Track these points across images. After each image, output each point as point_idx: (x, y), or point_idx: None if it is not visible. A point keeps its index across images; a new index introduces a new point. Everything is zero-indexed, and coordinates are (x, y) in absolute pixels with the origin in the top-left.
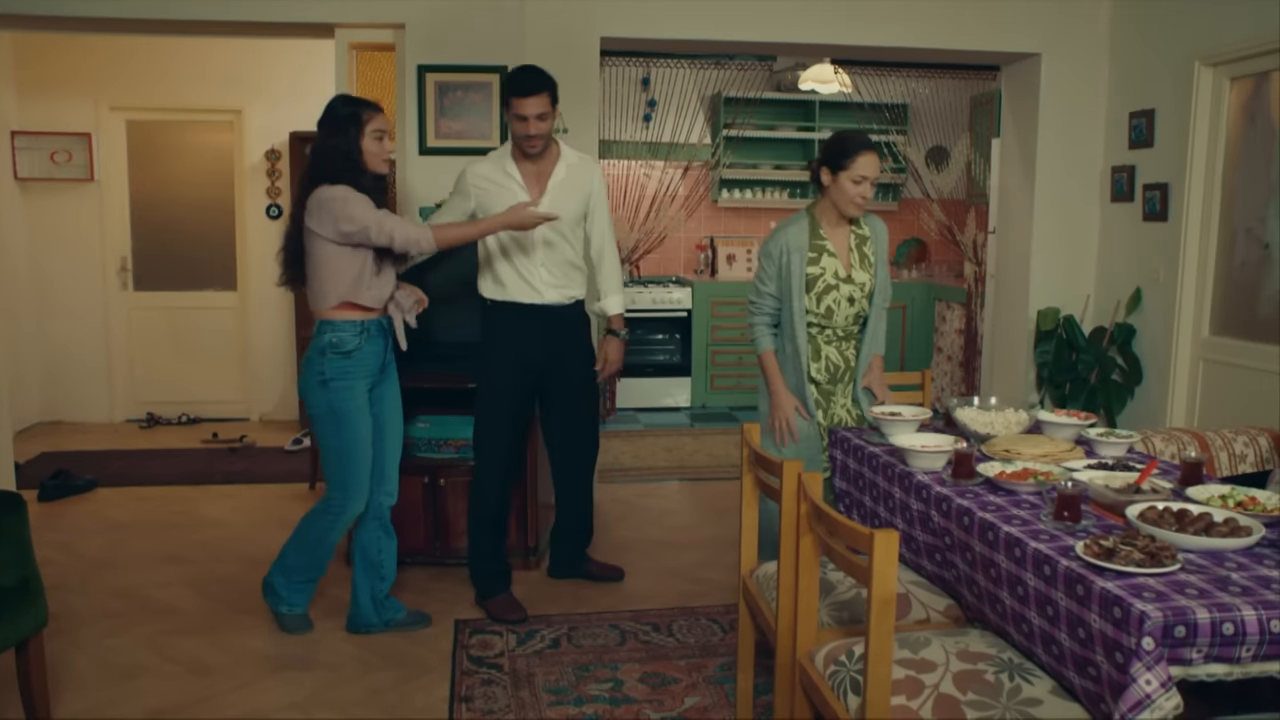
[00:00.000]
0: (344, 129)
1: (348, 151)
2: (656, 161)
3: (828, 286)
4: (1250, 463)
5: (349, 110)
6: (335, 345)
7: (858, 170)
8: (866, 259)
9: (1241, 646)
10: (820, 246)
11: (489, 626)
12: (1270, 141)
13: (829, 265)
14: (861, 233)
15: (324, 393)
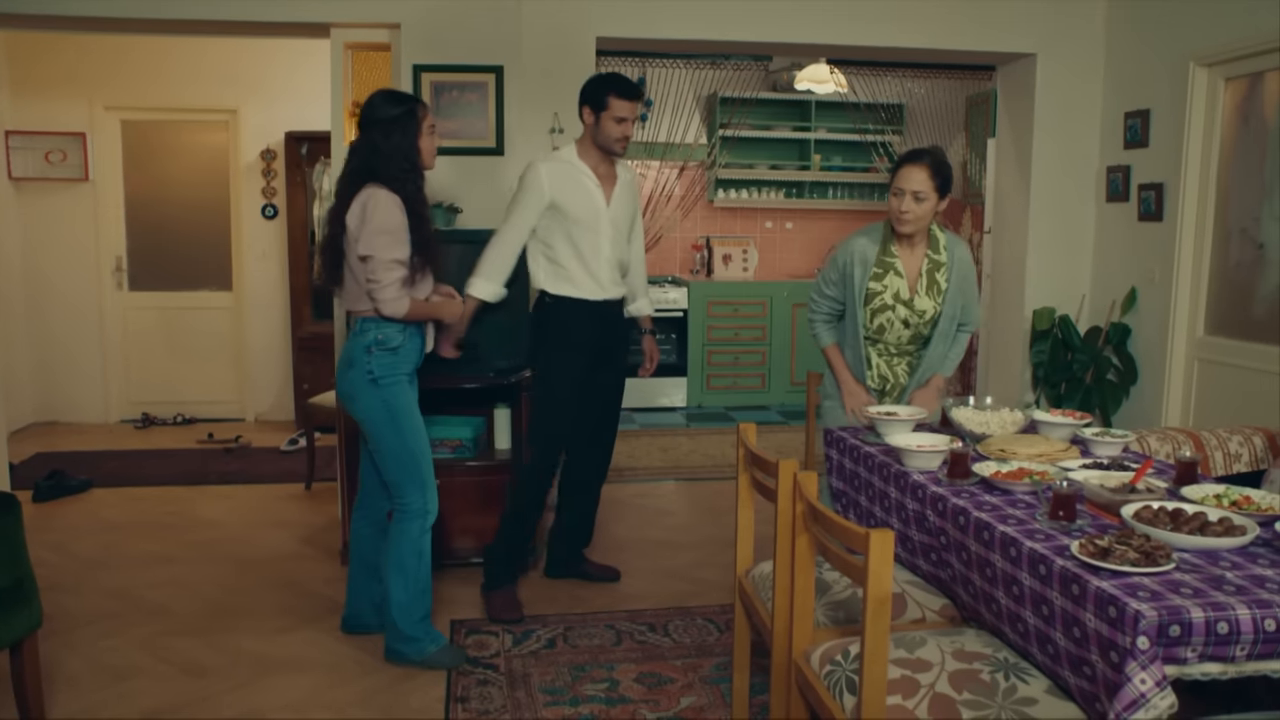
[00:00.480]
0: (403, 128)
1: (408, 152)
2: (652, 161)
3: (884, 305)
4: (1245, 462)
5: (404, 108)
6: (381, 342)
7: (897, 183)
8: (936, 285)
9: (1236, 645)
10: (888, 264)
11: (485, 627)
12: (1264, 142)
13: (892, 284)
14: (938, 258)
15: (376, 391)
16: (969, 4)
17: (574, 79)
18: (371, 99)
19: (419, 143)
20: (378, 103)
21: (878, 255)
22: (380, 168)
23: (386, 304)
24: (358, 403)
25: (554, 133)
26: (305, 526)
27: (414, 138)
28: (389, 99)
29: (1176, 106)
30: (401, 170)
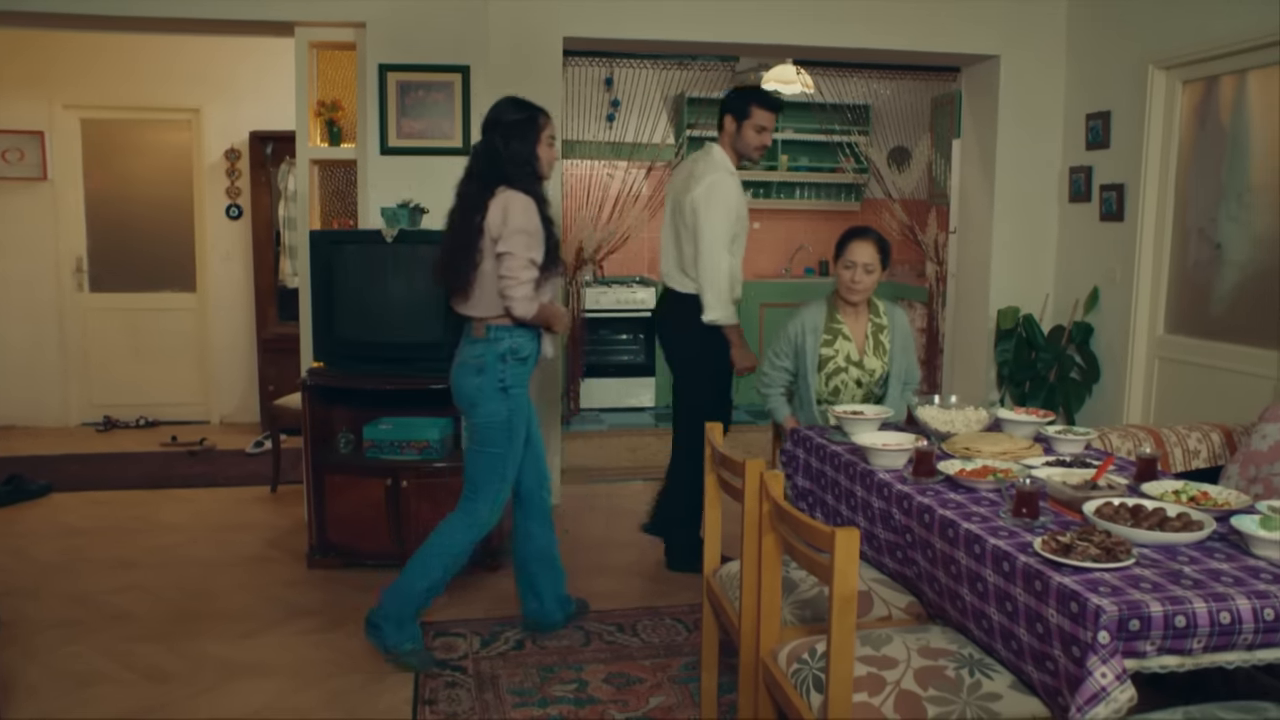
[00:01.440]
0: (524, 134)
1: (529, 158)
2: (620, 161)
3: (837, 368)
4: (1203, 458)
5: (526, 115)
6: (515, 351)
7: (848, 256)
8: (882, 345)
9: (1193, 638)
10: (836, 330)
11: (453, 629)
12: (1220, 144)
13: (842, 348)
14: (880, 321)
15: (504, 400)
16: (933, 6)
17: (541, 79)
18: (498, 103)
19: (538, 150)
20: (503, 107)
21: (825, 323)
22: (508, 172)
23: (518, 303)
24: (480, 409)
25: None
26: (271, 529)
27: (533, 145)
28: (514, 105)
29: (1136, 108)
30: (526, 175)
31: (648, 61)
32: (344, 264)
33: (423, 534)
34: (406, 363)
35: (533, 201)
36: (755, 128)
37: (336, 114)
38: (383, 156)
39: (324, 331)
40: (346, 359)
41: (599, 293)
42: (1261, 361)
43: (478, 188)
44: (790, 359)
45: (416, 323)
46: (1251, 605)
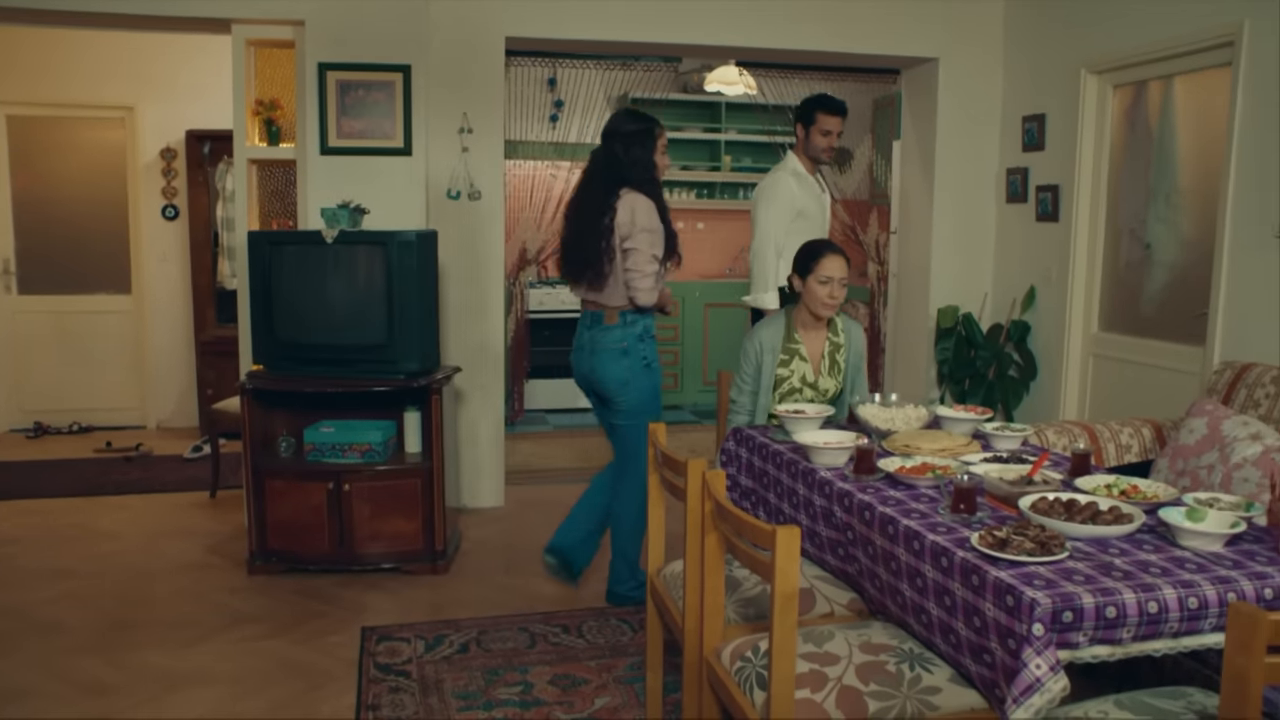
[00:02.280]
0: (640, 141)
1: (647, 163)
2: (563, 162)
3: (792, 389)
4: (1135, 453)
5: (643, 125)
6: (648, 330)
7: (823, 271)
8: (837, 365)
9: (1123, 628)
10: (793, 350)
11: (397, 633)
12: (1149, 147)
13: (798, 369)
14: (837, 340)
15: (650, 375)
16: (873, 9)
17: (483, 79)
18: (615, 114)
19: (655, 157)
20: (621, 118)
21: (783, 343)
22: (630, 176)
23: (643, 293)
24: (632, 386)
25: (463, 133)
26: (210, 535)
27: (651, 152)
28: (631, 116)
29: (1070, 111)
30: (646, 179)
31: (591, 62)
32: (284, 265)
33: (366, 538)
34: (348, 364)
35: (653, 203)
36: (821, 131)
37: (275, 113)
38: (323, 156)
39: (264, 334)
40: (287, 361)
41: (543, 294)
42: (1188, 358)
43: (601, 191)
44: (753, 380)
45: (358, 324)
46: (1177, 595)
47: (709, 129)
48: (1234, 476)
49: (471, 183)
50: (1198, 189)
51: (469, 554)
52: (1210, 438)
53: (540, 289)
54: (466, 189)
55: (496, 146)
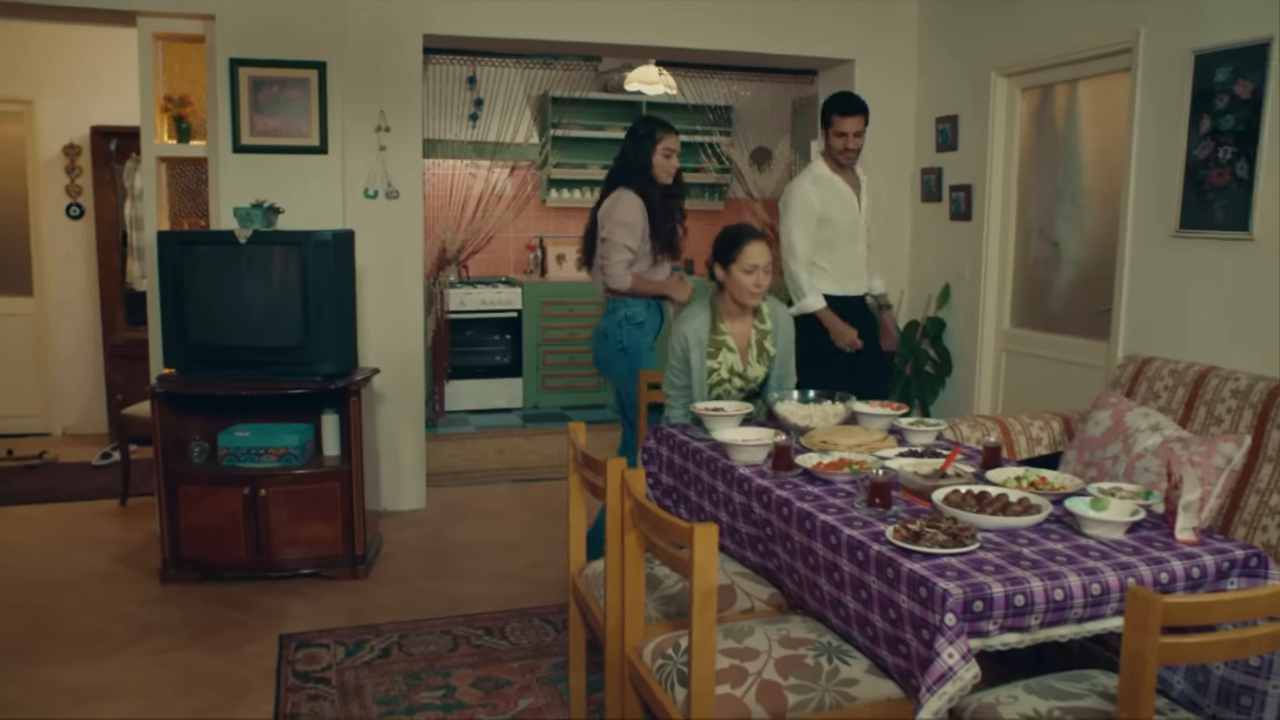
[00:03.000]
0: (640, 145)
1: (642, 165)
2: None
3: (721, 380)
4: (1045, 445)
5: (647, 130)
6: (629, 318)
7: (747, 259)
8: (766, 352)
9: (1031, 616)
10: (720, 342)
11: (316, 640)
12: (1056, 148)
13: (726, 360)
14: (764, 327)
15: (625, 359)
16: (790, 11)
17: (401, 77)
18: (637, 119)
19: (652, 159)
20: (638, 122)
21: (709, 335)
22: (626, 176)
23: (611, 279)
24: (611, 369)
25: (380, 131)
26: (120, 544)
27: (649, 154)
28: (643, 121)
29: (981, 113)
30: (641, 178)
31: (511, 60)
32: (195, 266)
33: (284, 544)
34: (263, 367)
35: (639, 200)
36: (836, 133)
37: (185, 110)
38: (235, 154)
39: (175, 336)
40: (200, 364)
41: (464, 293)
42: (1095, 353)
43: (607, 188)
44: (685, 375)
45: (273, 326)
46: (1081, 582)
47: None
48: (1136, 466)
49: (389, 182)
50: (1101, 189)
51: (390, 558)
52: (1114, 429)
53: (461, 289)
54: (384, 188)
55: (415, 145)
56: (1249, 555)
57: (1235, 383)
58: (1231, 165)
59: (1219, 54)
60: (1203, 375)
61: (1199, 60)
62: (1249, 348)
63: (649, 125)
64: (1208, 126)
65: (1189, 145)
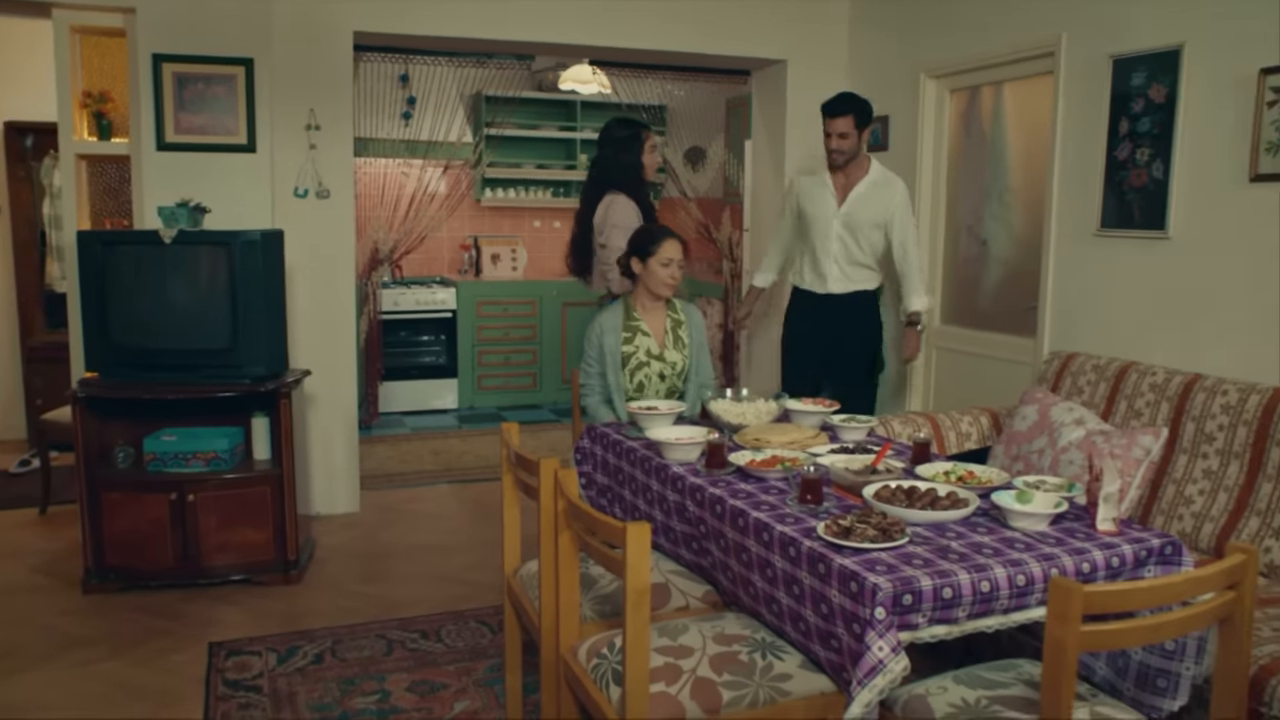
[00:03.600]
0: (628, 147)
1: (633, 166)
2: (416, 160)
3: (640, 363)
4: (974, 440)
5: (631, 131)
6: None
7: (665, 254)
8: (681, 340)
9: (959, 608)
10: (634, 327)
11: (247, 647)
12: (984, 148)
13: (642, 343)
14: (677, 317)
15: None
16: (724, 11)
17: (331, 75)
18: (608, 123)
19: (642, 159)
20: (613, 125)
21: (623, 322)
22: (616, 180)
23: (615, 282)
24: None
25: (310, 129)
26: (40, 554)
27: (638, 155)
28: (621, 124)
29: (911, 114)
30: (631, 181)
31: (444, 59)
32: (118, 267)
33: (214, 550)
34: (190, 370)
35: (632, 203)
36: (825, 134)
37: (106, 105)
38: (160, 152)
39: (97, 339)
40: (123, 367)
41: (397, 294)
42: (1022, 349)
43: (593, 194)
44: (598, 361)
45: (200, 328)
46: (1007, 573)
47: (564, 127)
48: (1061, 459)
49: (320, 181)
50: (1027, 189)
51: (323, 562)
52: (1040, 424)
53: (394, 289)
54: (315, 187)
55: (346, 144)
56: (1165, 544)
57: (1153, 377)
58: (1149, 166)
59: (1135, 59)
60: (1123, 370)
61: (1117, 65)
62: (1166, 343)
63: (632, 127)
64: (1126, 129)
65: (1109, 147)
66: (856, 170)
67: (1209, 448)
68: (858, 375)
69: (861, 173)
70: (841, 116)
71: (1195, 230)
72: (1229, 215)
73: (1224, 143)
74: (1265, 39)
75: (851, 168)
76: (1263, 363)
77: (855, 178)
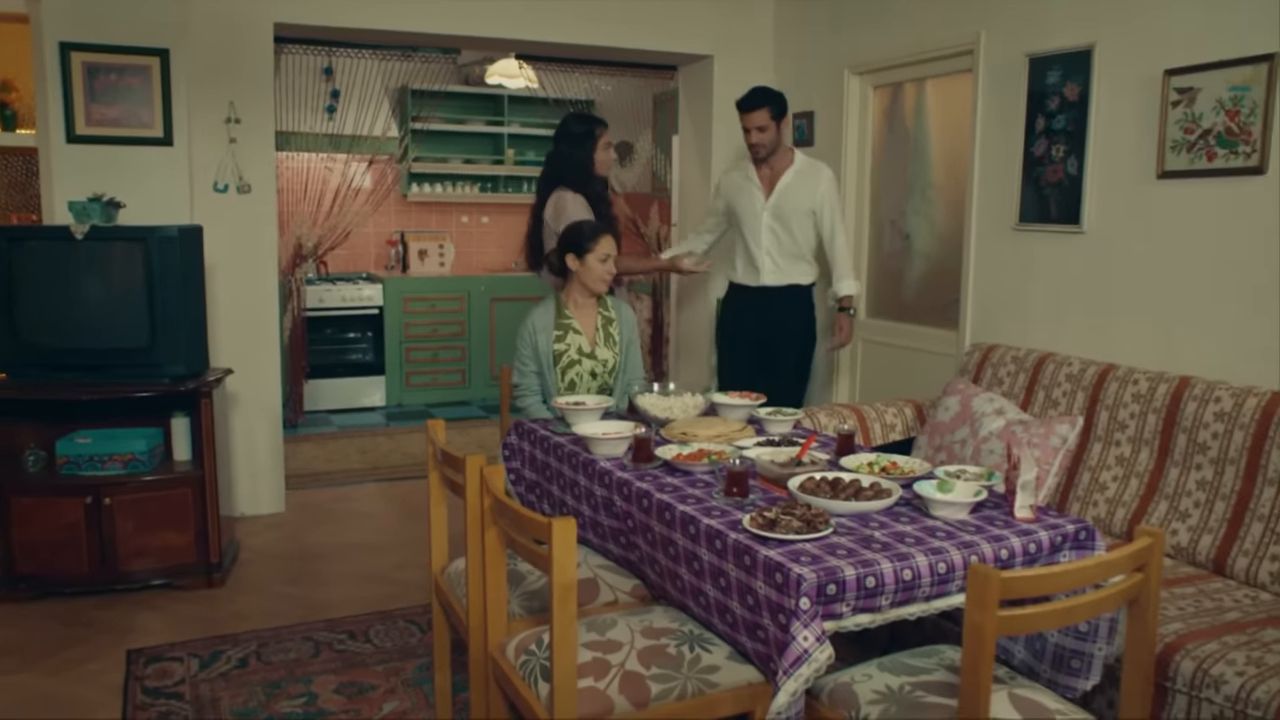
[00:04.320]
0: (580, 143)
1: (583, 163)
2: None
3: (571, 361)
4: (899, 431)
5: (585, 128)
6: None
7: (603, 249)
8: (612, 338)
9: (882, 596)
10: (566, 325)
11: (167, 654)
12: (906, 144)
13: (574, 341)
14: (609, 314)
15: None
16: (650, 7)
17: (251, 67)
18: (565, 118)
19: (594, 155)
20: (569, 121)
21: (555, 320)
22: (564, 173)
23: None
24: None
25: (230, 123)
26: None
27: (590, 152)
28: (576, 119)
29: (835, 110)
30: (580, 177)
31: (368, 52)
32: (26, 263)
33: (131, 554)
34: (106, 370)
35: (580, 197)
36: (744, 130)
37: (10, 95)
38: (70, 145)
39: (5, 338)
40: (33, 368)
41: (323, 290)
42: (945, 341)
43: (544, 189)
44: (534, 360)
45: (116, 326)
46: (929, 561)
47: (492, 122)
48: (982, 449)
49: (241, 175)
50: (948, 184)
51: (247, 564)
52: (962, 414)
53: (319, 286)
54: (235, 181)
55: (267, 137)
56: (1079, 529)
57: (1069, 367)
58: (1064, 162)
59: (1050, 58)
60: (1041, 361)
61: (1033, 63)
62: (1080, 334)
63: (587, 124)
64: (1042, 126)
65: (1026, 143)
66: (781, 162)
67: (1121, 435)
68: (791, 369)
69: (786, 164)
70: (756, 110)
71: (1108, 225)
72: (1139, 210)
73: (1133, 140)
74: (1170, 41)
75: (775, 160)
76: (1171, 352)
77: (780, 169)
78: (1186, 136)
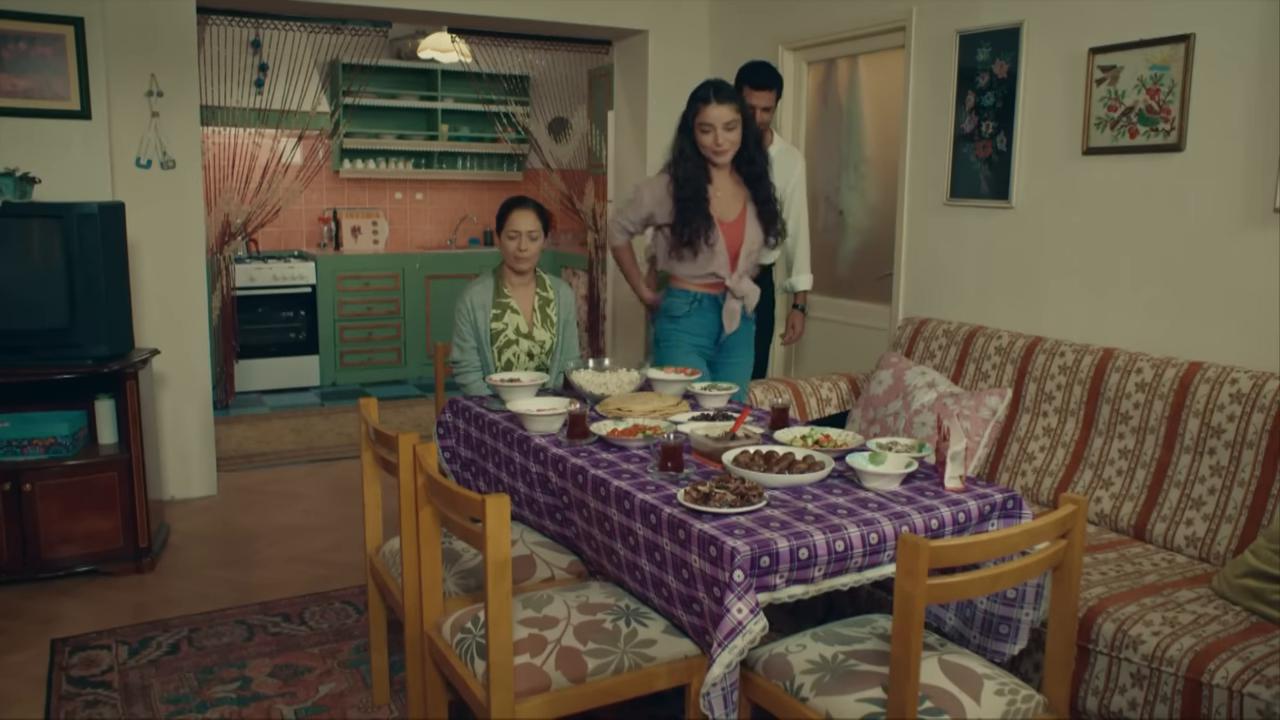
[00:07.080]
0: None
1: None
2: (267, 129)
3: (508, 341)
4: (834, 405)
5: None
6: (666, 310)
7: (511, 226)
8: (549, 319)
9: (815, 568)
10: (504, 304)
11: (93, 642)
12: (840, 120)
13: (511, 321)
14: (546, 295)
15: (658, 352)
16: None
17: (174, 38)
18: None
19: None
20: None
21: (494, 298)
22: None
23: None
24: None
25: (152, 96)
26: None
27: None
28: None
29: None
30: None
31: (296, 24)
32: None
33: (54, 541)
34: (24, 352)
35: (664, 177)
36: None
37: None
38: None
39: None
40: None
41: (254, 269)
42: (879, 316)
43: None
44: (473, 337)
45: (33, 307)
46: (860, 532)
47: (425, 97)
48: (914, 421)
49: (164, 150)
50: (881, 159)
51: (178, 548)
52: (895, 387)
53: (249, 264)
54: (159, 157)
55: (192, 111)
56: (1006, 498)
57: (999, 340)
58: (993, 139)
59: (980, 35)
60: (971, 334)
61: (963, 40)
62: (1010, 308)
63: (688, 105)
64: (972, 102)
65: (956, 119)
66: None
67: (1048, 406)
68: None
69: (766, 144)
70: (766, 89)
71: (1035, 200)
72: (1065, 186)
73: (1060, 117)
74: (1095, 19)
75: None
76: (1096, 325)
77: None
78: (1110, 114)
